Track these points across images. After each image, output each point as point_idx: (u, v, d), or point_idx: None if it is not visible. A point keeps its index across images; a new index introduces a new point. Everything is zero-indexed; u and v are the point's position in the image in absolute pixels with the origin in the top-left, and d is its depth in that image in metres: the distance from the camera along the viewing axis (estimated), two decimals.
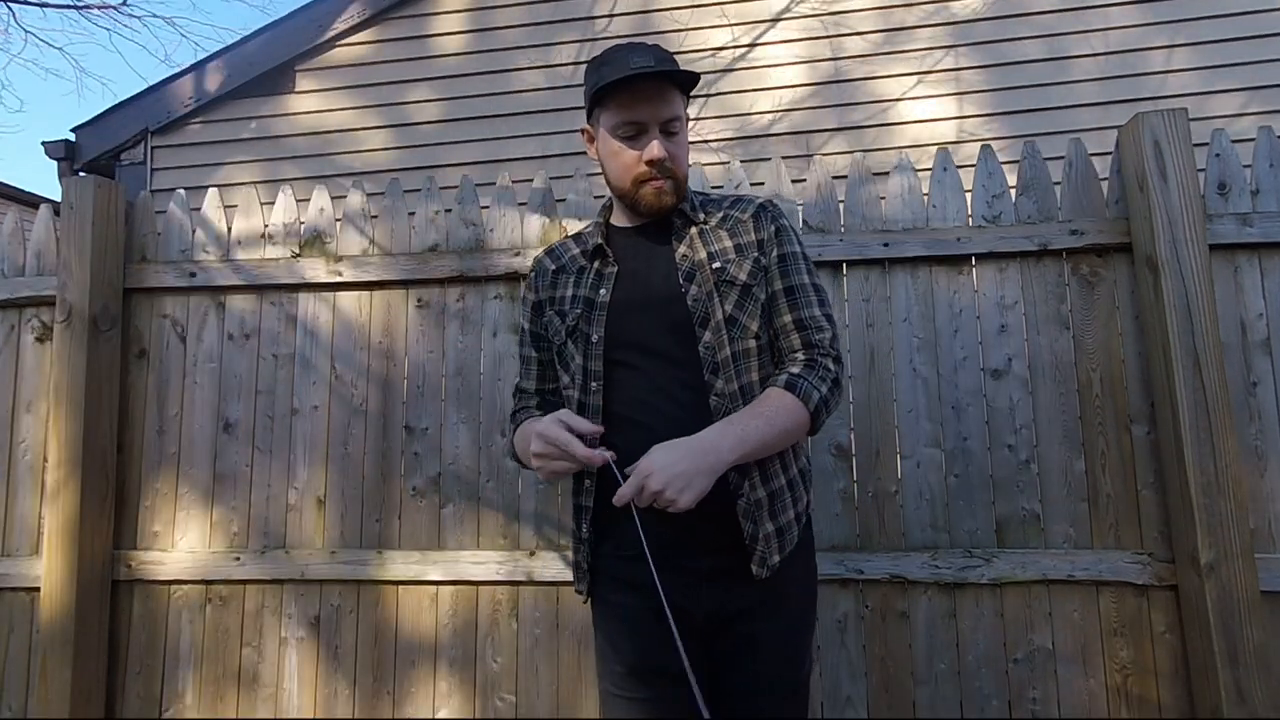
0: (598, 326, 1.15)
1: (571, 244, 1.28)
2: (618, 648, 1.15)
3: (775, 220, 1.20)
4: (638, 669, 1.12)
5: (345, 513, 1.86)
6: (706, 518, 1.09)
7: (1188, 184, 1.61)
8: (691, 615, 1.12)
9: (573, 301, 1.19)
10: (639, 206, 1.16)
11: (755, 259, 1.17)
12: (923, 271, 1.76)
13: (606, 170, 1.18)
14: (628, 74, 1.07)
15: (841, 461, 1.74)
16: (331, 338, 1.92)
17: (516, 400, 1.32)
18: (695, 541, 1.11)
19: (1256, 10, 3.21)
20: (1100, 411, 1.68)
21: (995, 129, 3.34)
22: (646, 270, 1.17)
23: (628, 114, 1.11)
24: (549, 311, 1.23)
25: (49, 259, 2.00)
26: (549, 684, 1.75)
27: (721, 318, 1.12)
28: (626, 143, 1.12)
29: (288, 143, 3.80)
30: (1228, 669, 1.49)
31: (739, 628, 1.13)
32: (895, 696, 1.66)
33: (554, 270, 1.25)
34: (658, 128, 1.11)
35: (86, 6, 5.53)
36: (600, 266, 1.20)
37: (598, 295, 1.17)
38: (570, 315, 1.18)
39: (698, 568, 1.11)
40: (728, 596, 1.12)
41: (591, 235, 1.24)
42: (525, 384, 1.30)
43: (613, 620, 1.17)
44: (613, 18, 3.66)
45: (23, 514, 1.94)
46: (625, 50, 1.12)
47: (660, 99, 1.10)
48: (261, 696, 1.83)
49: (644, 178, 1.13)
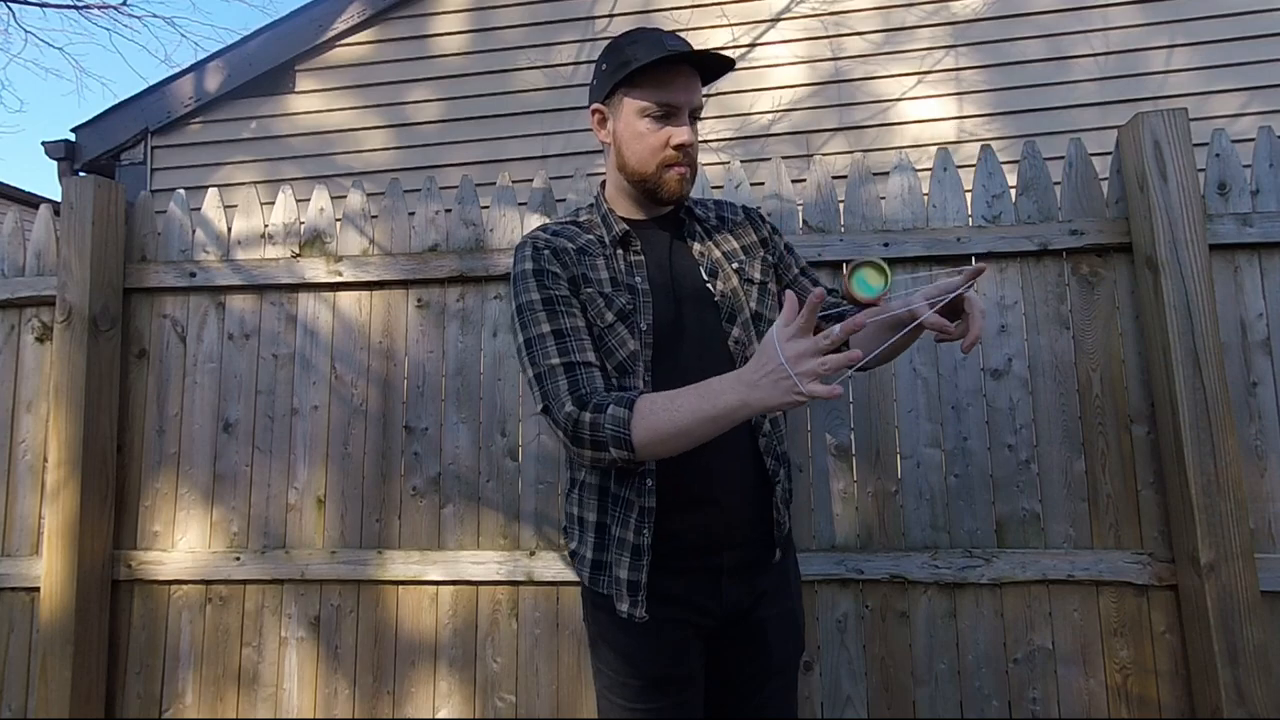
0: (646, 314, 1.09)
1: (574, 229, 1.17)
2: (633, 660, 1.10)
3: (765, 220, 1.30)
4: (657, 680, 1.09)
5: (345, 513, 1.86)
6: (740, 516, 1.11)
7: (1188, 184, 1.61)
8: (712, 614, 1.11)
9: (613, 285, 1.10)
10: (660, 192, 1.12)
11: (763, 257, 1.23)
12: (923, 271, 1.76)
13: (626, 153, 1.11)
14: (670, 54, 1.03)
15: (841, 461, 1.74)
16: (331, 338, 1.92)
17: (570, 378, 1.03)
18: (724, 540, 1.11)
19: (1256, 10, 3.21)
20: (1100, 411, 1.68)
21: (995, 129, 3.34)
22: (670, 264, 1.15)
23: (664, 94, 1.07)
24: (586, 290, 1.10)
25: (49, 259, 2.00)
26: (549, 684, 1.75)
27: (749, 315, 1.16)
28: (655, 123, 1.08)
29: (288, 143, 3.80)
30: (1228, 669, 1.49)
31: (754, 614, 1.14)
32: (895, 696, 1.66)
33: (575, 250, 1.12)
34: (687, 113, 1.09)
35: (86, 6, 5.53)
36: (626, 254, 1.14)
37: (635, 281, 1.11)
38: (617, 299, 1.09)
39: (719, 565, 1.11)
40: (750, 585, 1.13)
41: (595, 224, 1.17)
42: (581, 356, 1.05)
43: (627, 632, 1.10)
44: (613, 18, 3.66)
45: (23, 514, 1.94)
46: (656, 32, 1.09)
47: (693, 84, 1.09)
48: (261, 696, 1.83)
49: (670, 161, 1.09)
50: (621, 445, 0.97)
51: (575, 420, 0.99)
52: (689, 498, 1.09)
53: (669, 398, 0.95)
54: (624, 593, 1.08)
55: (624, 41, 1.10)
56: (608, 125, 1.14)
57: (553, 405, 1.02)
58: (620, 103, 1.11)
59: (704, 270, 1.16)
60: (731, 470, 1.11)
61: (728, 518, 1.10)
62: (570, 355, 1.04)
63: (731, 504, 1.10)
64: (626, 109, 1.10)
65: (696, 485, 1.08)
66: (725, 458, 1.10)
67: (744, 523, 1.11)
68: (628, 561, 1.08)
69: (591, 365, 1.05)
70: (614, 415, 0.97)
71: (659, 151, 1.09)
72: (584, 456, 1.01)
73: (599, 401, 0.99)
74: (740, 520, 1.11)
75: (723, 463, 1.10)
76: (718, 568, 1.10)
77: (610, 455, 0.98)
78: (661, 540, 1.08)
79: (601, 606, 1.13)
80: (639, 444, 0.96)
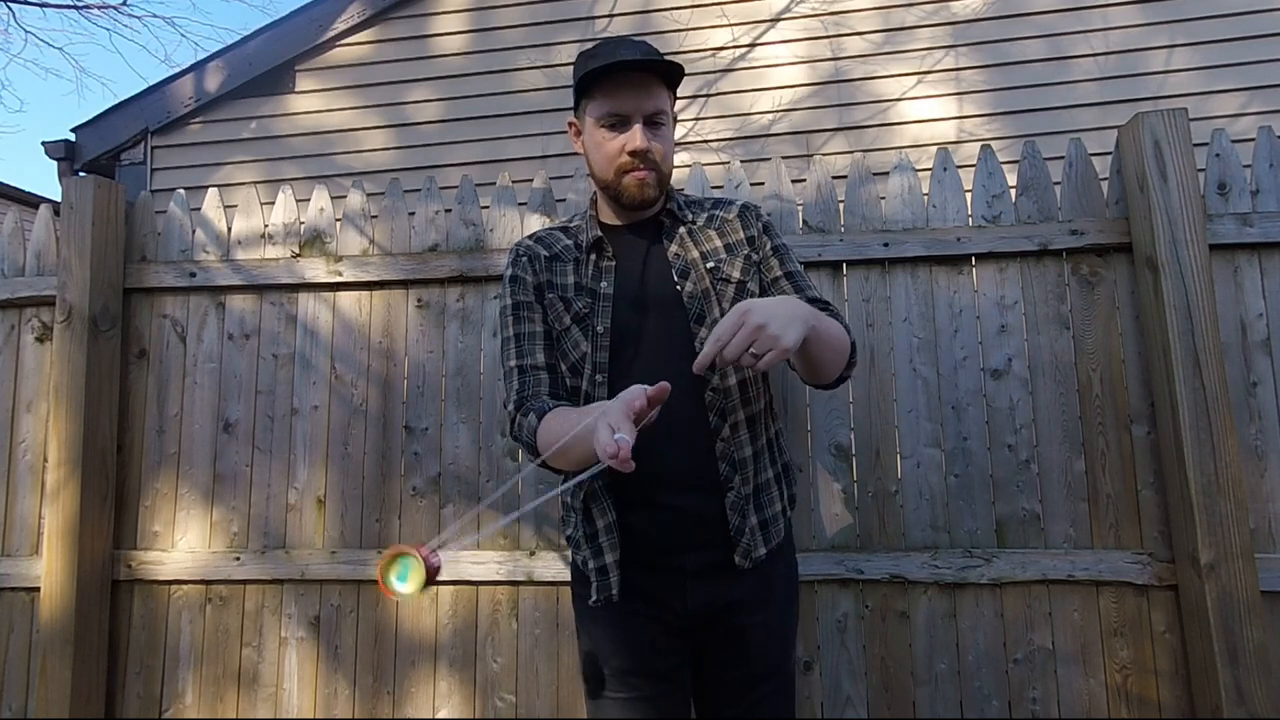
0: (603, 318, 1.15)
1: (560, 234, 1.25)
2: (607, 651, 1.15)
3: (760, 218, 1.26)
4: (630, 672, 1.13)
5: (345, 513, 1.86)
6: (694, 518, 1.12)
7: (1188, 184, 1.61)
8: (679, 613, 1.13)
9: (576, 290, 1.18)
10: (621, 198, 1.16)
11: (746, 255, 1.21)
12: (923, 271, 1.76)
13: (591, 162, 1.18)
14: (612, 62, 1.08)
15: (841, 461, 1.74)
16: (331, 338, 1.92)
17: (520, 380, 1.15)
18: (682, 541, 1.12)
19: (1256, 10, 3.21)
20: (1100, 411, 1.68)
21: (995, 129, 3.34)
22: (641, 267, 1.18)
23: (612, 104, 1.11)
24: (549, 295, 1.19)
25: (49, 259, 2.00)
26: (549, 684, 1.75)
27: (718, 315, 1.15)
28: (610, 132, 1.12)
29: (288, 143, 3.80)
30: (1228, 669, 1.49)
31: (730, 621, 1.14)
32: (895, 696, 1.66)
33: (547, 257, 1.22)
34: (641, 119, 1.12)
35: (86, 6, 5.53)
36: (597, 260, 1.19)
37: (599, 287, 1.17)
38: (576, 303, 1.17)
39: (682, 566, 1.12)
40: (716, 591, 1.13)
41: (581, 229, 1.23)
42: (532, 360, 1.16)
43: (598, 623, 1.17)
44: (613, 18, 3.66)
45: (23, 514, 1.94)
46: (614, 43, 1.13)
47: (645, 91, 1.11)
48: (261, 696, 1.83)
49: (626, 168, 1.13)
50: (532, 451, 1.10)
51: (512, 420, 1.14)
52: (643, 497, 1.11)
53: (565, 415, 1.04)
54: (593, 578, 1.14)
55: (584, 56, 1.16)
56: (580, 137, 1.20)
57: (508, 402, 1.16)
58: (584, 114, 1.17)
59: (675, 272, 1.18)
60: (684, 473, 1.12)
61: (681, 519, 1.11)
62: (524, 359, 1.17)
63: (684, 506, 1.11)
64: (588, 120, 1.16)
65: (650, 485, 1.10)
66: (680, 460, 1.11)
67: (700, 526, 1.12)
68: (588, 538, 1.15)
69: (539, 369, 1.16)
70: (528, 425, 1.10)
71: (615, 158, 1.13)
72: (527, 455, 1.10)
73: (528, 407, 1.12)
74: (696, 523, 1.12)
75: (677, 465, 1.11)
76: (681, 568, 1.12)
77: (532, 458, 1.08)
78: (626, 535, 1.12)
79: (580, 595, 1.19)
80: (542, 449, 1.05)
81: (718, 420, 1.12)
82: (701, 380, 1.12)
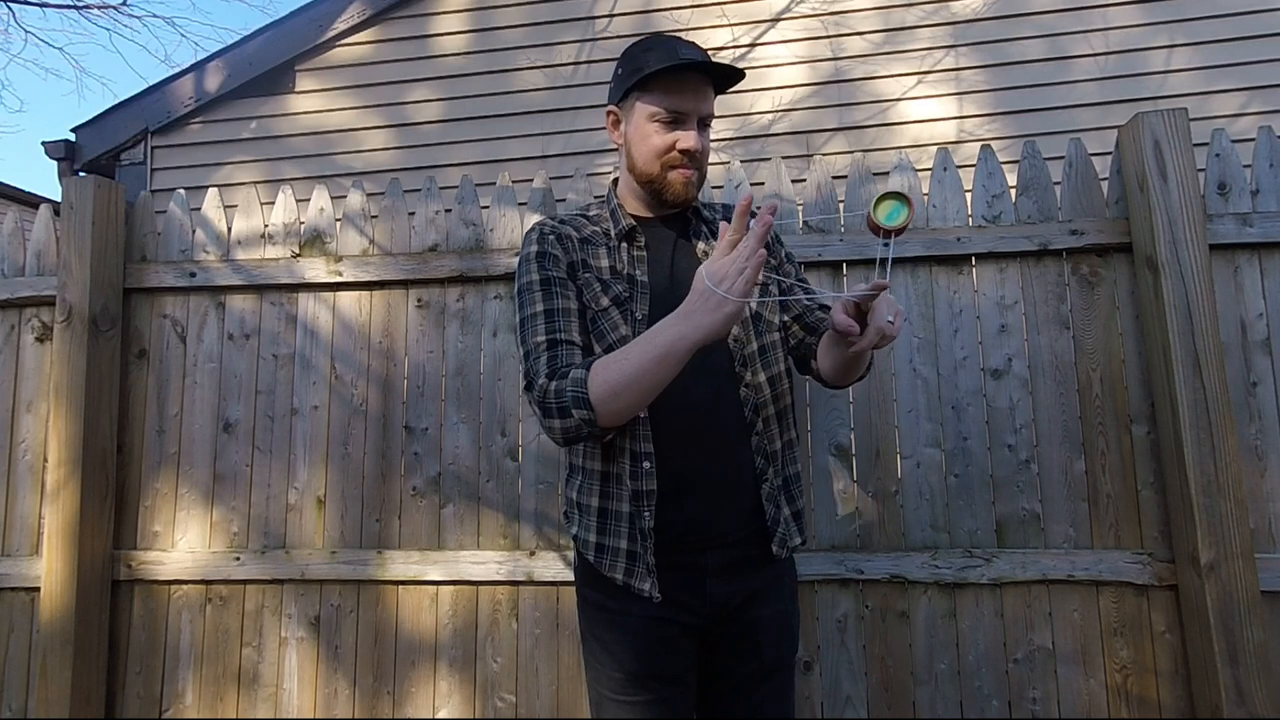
0: (642, 304, 1.14)
1: (583, 220, 1.22)
2: (614, 654, 1.13)
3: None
4: (638, 675, 1.12)
5: (345, 513, 1.86)
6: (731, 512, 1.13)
7: (1188, 184, 1.61)
8: (697, 612, 1.12)
9: (613, 274, 1.15)
10: (664, 193, 1.16)
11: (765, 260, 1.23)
12: (923, 271, 1.76)
13: (635, 154, 1.16)
14: (681, 63, 1.08)
15: (841, 461, 1.74)
16: (331, 338, 1.92)
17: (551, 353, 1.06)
18: (712, 537, 1.12)
19: (1256, 10, 3.21)
20: (1100, 411, 1.68)
21: (995, 129, 3.34)
22: (673, 261, 1.19)
23: (673, 101, 1.11)
24: (584, 274, 1.15)
25: (49, 259, 2.00)
26: (549, 684, 1.75)
27: (749, 314, 1.18)
28: (663, 128, 1.12)
29: (288, 143, 3.80)
30: (1228, 669, 1.49)
31: (745, 614, 1.15)
32: (895, 696, 1.66)
33: (579, 239, 1.17)
34: (696, 120, 1.13)
35: (86, 6, 5.53)
36: (630, 248, 1.18)
37: (635, 273, 1.16)
38: (615, 286, 1.14)
39: (703, 564, 1.12)
40: (734, 586, 1.14)
41: (604, 218, 1.21)
42: (567, 335, 1.09)
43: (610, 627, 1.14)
44: (613, 18, 3.66)
45: (23, 514, 1.94)
46: (672, 40, 1.14)
47: (703, 93, 1.13)
48: (261, 696, 1.83)
49: (674, 164, 1.14)
50: (581, 405, 0.99)
51: (544, 390, 1.03)
52: (676, 488, 1.10)
53: (620, 352, 0.98)
54: (632, 567, 1.10)
55: (639, 48, 1.15)
56: (620, 127, 1.19)
57: (534, 380, 1.06)
58: (633, 107, 1.15)
59: None
60: (719, 466, 1.12)
61: (714, 513, 1.11)
62: (556, 333, 1.08)
63: (718, 500, 1.12)
64: (638, 113, 1.14)
65: (684, 477, 1.10)
66: (714, 454, 1.12)
67: (732, 519, 1.12)
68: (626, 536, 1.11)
69: (574, 345, 1.08)
70: (574, 377, 1.00)
71: (664, 153, 1.13)
72: (554, 429, 1.03)
73: (564, 370, 1.03)
74: (728, 517, 1.12)
75: (711, 458, 1.12)
76: (702, 567, 1.12)
77: (574, 419, 1.00)
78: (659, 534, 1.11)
79: (590, 600, 1.17)
80: (596, 400, 0.98)
81: (752, 415, 1.14)
82: (736, 375, 1.14)
